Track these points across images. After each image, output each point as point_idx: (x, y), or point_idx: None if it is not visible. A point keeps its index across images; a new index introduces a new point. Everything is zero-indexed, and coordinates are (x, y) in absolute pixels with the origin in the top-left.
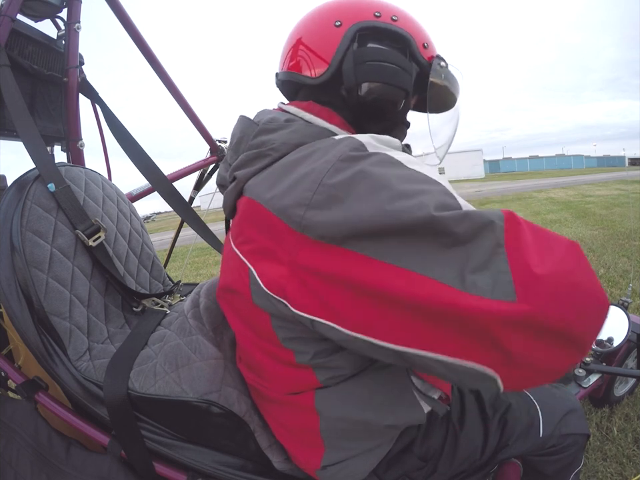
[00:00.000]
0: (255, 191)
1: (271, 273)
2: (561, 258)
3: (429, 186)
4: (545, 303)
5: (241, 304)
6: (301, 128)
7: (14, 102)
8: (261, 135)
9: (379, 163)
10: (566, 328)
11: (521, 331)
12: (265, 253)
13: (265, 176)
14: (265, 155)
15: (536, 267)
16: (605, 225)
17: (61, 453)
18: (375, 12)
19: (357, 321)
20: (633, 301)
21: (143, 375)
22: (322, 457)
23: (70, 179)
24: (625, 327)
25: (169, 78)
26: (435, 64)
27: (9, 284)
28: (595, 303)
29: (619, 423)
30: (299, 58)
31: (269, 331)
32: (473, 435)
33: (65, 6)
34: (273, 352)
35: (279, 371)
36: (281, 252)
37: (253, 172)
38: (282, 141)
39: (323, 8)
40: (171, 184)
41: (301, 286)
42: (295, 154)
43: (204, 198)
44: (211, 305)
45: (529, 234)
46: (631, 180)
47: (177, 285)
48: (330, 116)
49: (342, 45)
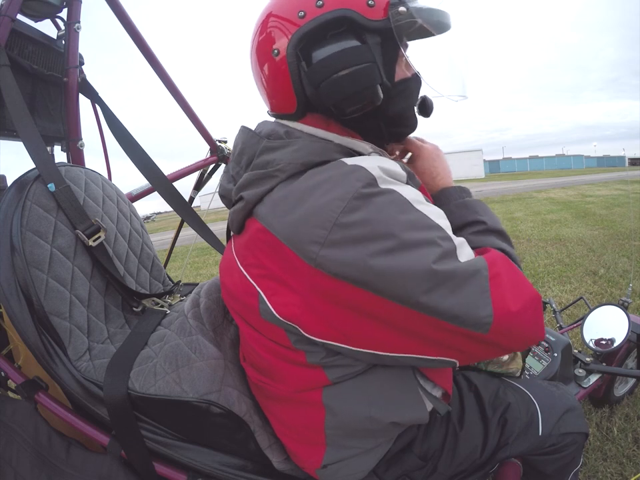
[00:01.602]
0: (267, 219)
1: (283, 300)
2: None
3: (431, 233)
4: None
5: (248, 314)
6: (305, 146)
7: (14, 102)
8: (265, 153)
9: (390, 204)
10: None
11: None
12: (276, 280)
13: (277, 202)
14: (271, 176)
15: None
16: (605, 225)
17: (61, 453)
18: (299, 12)
19: (363, 340)
20: (633, 301)
21: (143, 375)
22: (323, 455)
23: (70, 179)
24: (625, 327)
25: (169, 78)
26: (392, 16)
27: (9, 284)
28: (533, 340)
29: (619, 422)
30: (274, 102)
31: (281, 334)
32: (472, 434)
33: (65, 6)
34: (283, 353)
35: (289, 371)
36: (293, 281)
37: (261, 193)
38: (287, 161)
39: (253, 40)
40: (171, 184)
41: (314, 315)
42: (306, 180)
43: (204, 198)
44: (211, 305)
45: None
46: (631, 180)
47: (176, 285)
48: (327, 124)
49: (293, 74)
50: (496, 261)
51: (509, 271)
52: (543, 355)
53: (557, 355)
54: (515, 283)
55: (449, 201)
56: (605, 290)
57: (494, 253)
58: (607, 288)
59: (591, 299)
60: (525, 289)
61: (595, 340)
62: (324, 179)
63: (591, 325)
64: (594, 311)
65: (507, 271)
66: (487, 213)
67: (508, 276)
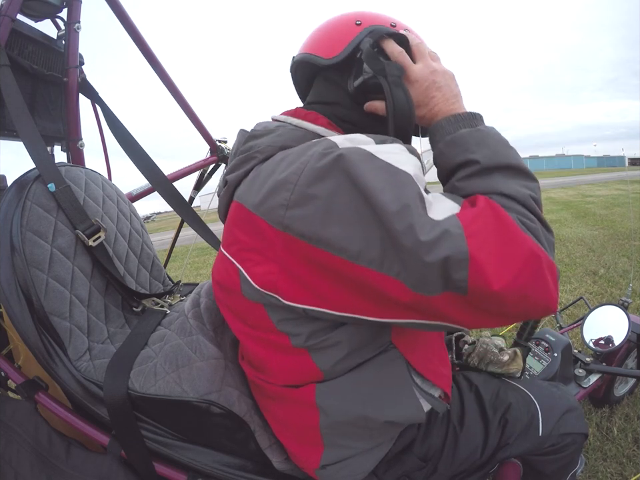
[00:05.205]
0: (242, 197)
1: (260, 270)
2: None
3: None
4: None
5: (233, 300)
6: (286, 132)
7: (14, 102)
8: (250, 140)
9: (350, 156)
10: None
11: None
12: (252, 251)
13: (251, 180)
14: (251, 158)
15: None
16: (605, 225)
17: (61, 453)
18: (391, 22)
19: (342, 303)
20: (633, 301)
21: (143, 375)
22: (321, 455)
23: (70, 179)
24: (625, 327)
25: (169, 78)
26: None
27: (9, 284)
28: (541, 311)
29: (619, 422)
30: (318, 43)
31: (263, 317)
32: (473, 434)
33: (65, 6)
34: (268, 339)
35: (277, 360)
36: (267, 250)
37: (241, 175)
38: (267, 144)
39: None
40: (171, 184)
41: (290, 279)
42: (275, 157)
43: (204, 198)
44: (211, 305)
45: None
46: (631, 180)
47: (176, 285)
48: (315, 118)
49: (358, 37)
50: (477, 216)
51: (495, 227)
52: (543, 354)
53: (557, 355)
54: (501, 243)
55: (439, 139)
56: (605, 290)
57: (480, 202)
58: (607, 288)
59: (590, 299)
60: (517, 249)
61: (594, 340)
62: (290, 152)
63: (590, 325)
64: (594, 311)
65: (490, 228)
66: (484, 146)
67: (492, 235)
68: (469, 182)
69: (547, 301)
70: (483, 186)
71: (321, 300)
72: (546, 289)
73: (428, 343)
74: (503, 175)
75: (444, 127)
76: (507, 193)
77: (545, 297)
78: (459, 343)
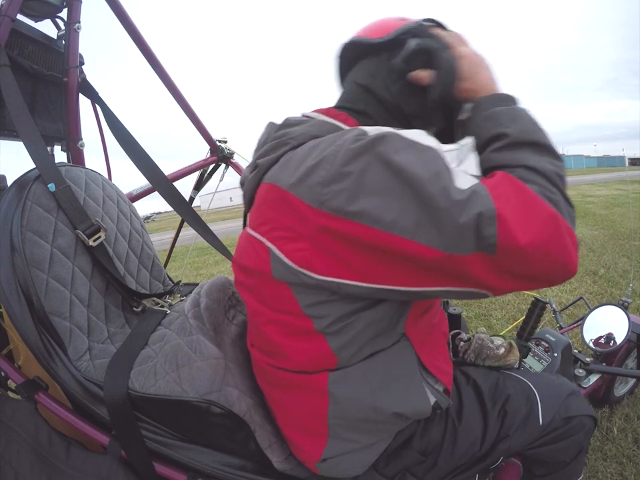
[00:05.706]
0: (274, 177)
1: (293, 247)
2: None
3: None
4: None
5: (259, 283)
6: (317, 123)
7: (14, 102)
8: (283, 128)
9: (382, 137)
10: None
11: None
12: (285, 229)
13: (283, 163)
14: (284, 144)
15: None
16: (605, 225)
17: (61, 453)
18: None
19: (374, 275)
20: (633, 301)
21: (143, 375)
22: (324, 447)
23: (70, 179)
24: (625, 327)
25: (169, 78)
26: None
27: (9, 284)
28: (561, 271)
29: (619, 422)
30: (369, 29)
31: (290, 299)
32: (471, 427)
33: (65, 6)
34: (290, 323)
35: (295, 345)
36: (300, 227)
37: (274, 159)
38: (300, 132)
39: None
40: (171, 184)
41: (323, 254)
42: (307, 144)
43: (204, 198)
44: (211, 305)
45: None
46: (631, 180)
47: (177, 285)
48: (346, 119)
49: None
50: (498, 184)
51: (514, 193)
52: (543, 354)
53: (557, 355)
54: (522, 205)
55: (478, 113)
56: (605, 290)
57: (498, 175)
58: (607, 288)
59: (591, 299)
60: (536, 211)
61: (594, 340)
62: (323, 140)
63: (590, 325)
64: (594, 311)
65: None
66: (516, 123)
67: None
68: (499, 154)
69: (567, 261)
70: (512, 158)
71: (353, 272)
72: (565, 249)
73: (435, 339)
74: (531, 150)
75: (483, 103)
76: (532, 165)
77: (565, 257)
78: (455, 340)
